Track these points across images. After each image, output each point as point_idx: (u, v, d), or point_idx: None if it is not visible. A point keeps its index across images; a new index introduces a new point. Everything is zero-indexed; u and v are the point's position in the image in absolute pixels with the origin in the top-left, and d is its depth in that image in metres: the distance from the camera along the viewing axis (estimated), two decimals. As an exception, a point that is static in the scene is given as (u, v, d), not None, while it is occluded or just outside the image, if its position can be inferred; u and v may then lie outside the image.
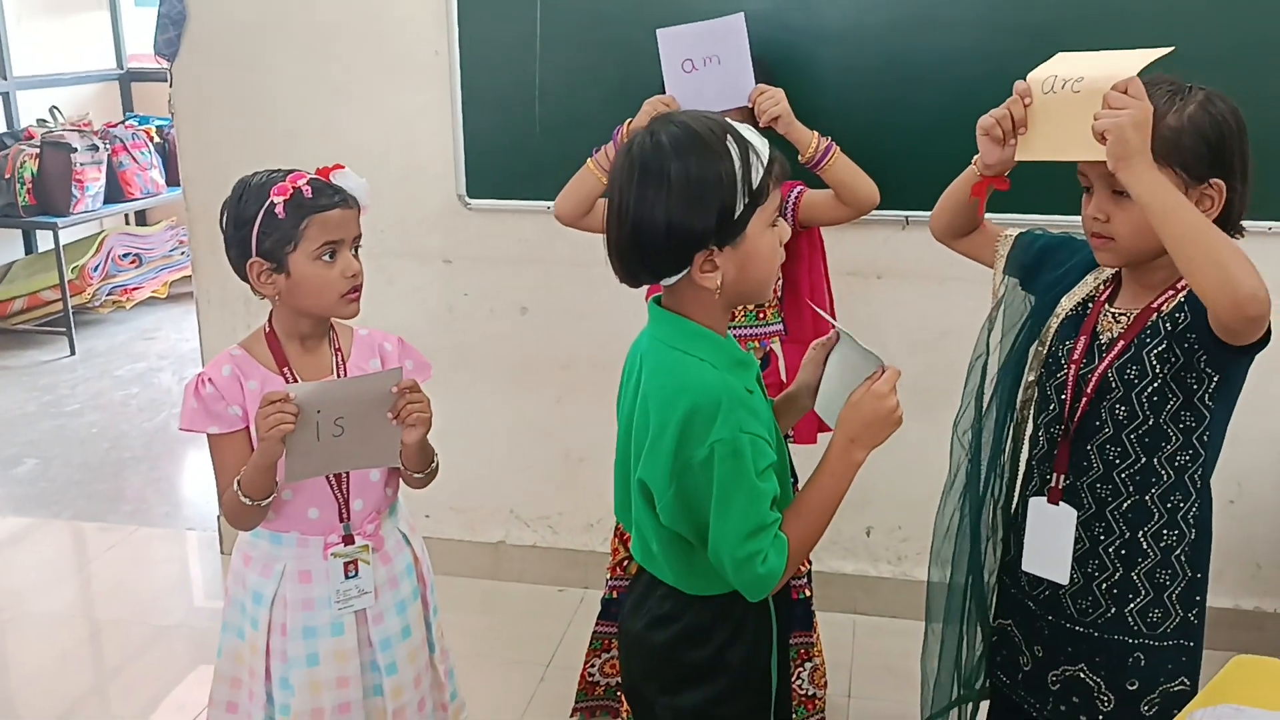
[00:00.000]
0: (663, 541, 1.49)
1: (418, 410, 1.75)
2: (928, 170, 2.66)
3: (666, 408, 1.41)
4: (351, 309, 1.82)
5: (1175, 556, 1.58)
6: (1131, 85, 1.41)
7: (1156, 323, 1.54)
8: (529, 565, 3.23)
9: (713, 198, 1.36)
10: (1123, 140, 1.39)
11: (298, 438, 1.67)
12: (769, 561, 1.40)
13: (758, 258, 1.43)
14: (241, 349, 1.85)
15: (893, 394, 1.45)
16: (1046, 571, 1.63)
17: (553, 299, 3.02)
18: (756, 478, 1.39)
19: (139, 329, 5.89)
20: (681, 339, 1.45)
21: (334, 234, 1.76)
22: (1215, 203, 1.52)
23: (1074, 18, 2.53)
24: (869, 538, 3.04)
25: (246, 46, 2.99)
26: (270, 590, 1.84)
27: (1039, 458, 1.68)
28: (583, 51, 2.76)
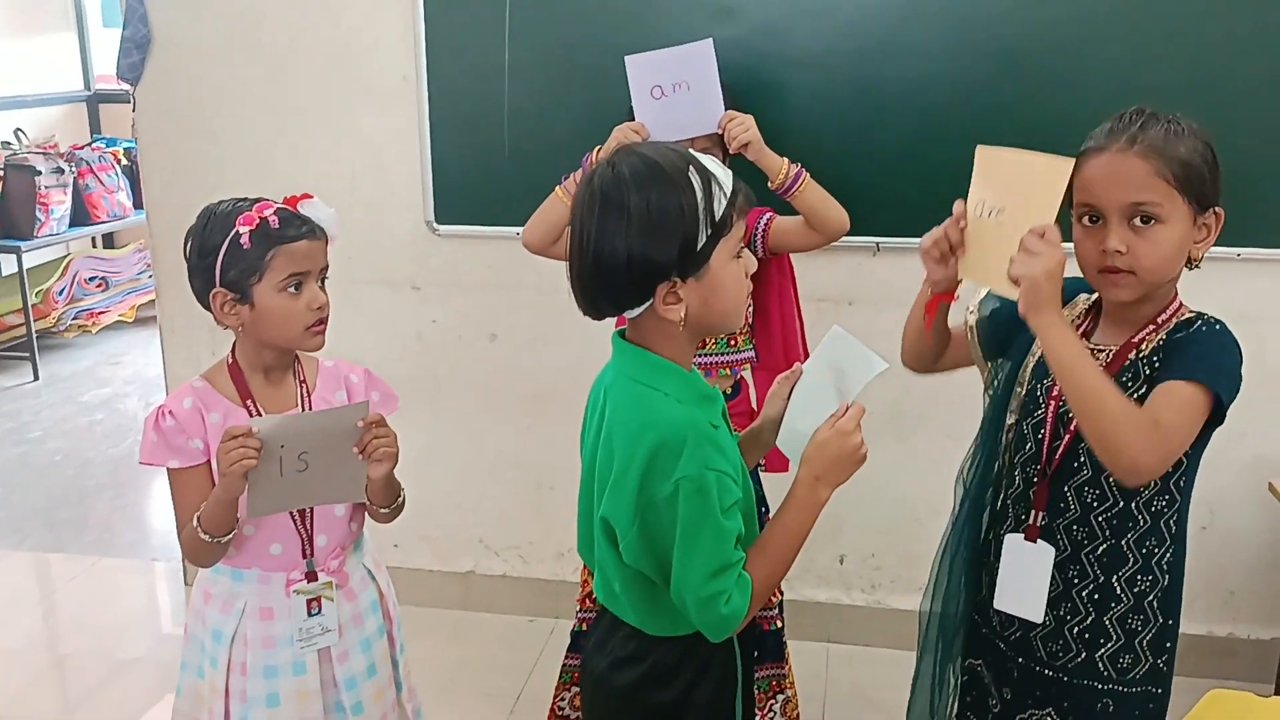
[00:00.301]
0: (625, 581, 1.47)
1: (384, 445, 1.71)
2: (898, 196, 2.68)
3: (631, 444, 1.38)
4: (316, 342, 1.79)
5: (1148, 602, 1.56)
6: (1049, 232, 1.42)
7: (1136, 363, 1.52)
8: (499, 595, 3.19)
9: (674, 229, 1.35)
10: (1035, 289, 1.41)
11: (260, 473, 1.63)
12: (732, 602, 1.38)
13: (722, 289, 1.41)
14: (204, 380, 1.81)
15: (857, 431, 1.44)
16: (1020, 610, 1.60)
17: (522, 326, 2.99)
18: (721, 516, 1.37)
19: (105, 353, 5.81)
20: (646, 373, 1.43)
21: (300, 265, 1.73)
22: (1210, 232, 1.52)
23: (1040, 45, 2.53)
24: (842, 565, 3.02)
25: (212, 70, 2.96)
26: (230, 628, 1.80)
27: (1015, 496, 1.65)
28: (552, 77, 2.75)
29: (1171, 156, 1.46)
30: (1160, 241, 1.47)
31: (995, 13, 2.54)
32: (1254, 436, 2.68)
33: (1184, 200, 1.47)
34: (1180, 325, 1.52)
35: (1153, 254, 1.47)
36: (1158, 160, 1.46)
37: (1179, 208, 1.47)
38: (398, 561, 3.20)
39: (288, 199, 1.80)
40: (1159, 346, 1.51)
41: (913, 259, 2.73)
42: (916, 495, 2.91)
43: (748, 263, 1.44)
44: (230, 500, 1.67)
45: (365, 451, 1.70)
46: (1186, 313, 1.55)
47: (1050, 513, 1.59)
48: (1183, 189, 1.46)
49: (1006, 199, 1.48)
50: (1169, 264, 1.49)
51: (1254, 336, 2.64)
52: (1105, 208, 1.49)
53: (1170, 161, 1.46)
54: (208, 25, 2.92)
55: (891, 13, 2.57)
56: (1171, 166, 1.45)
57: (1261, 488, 2.52)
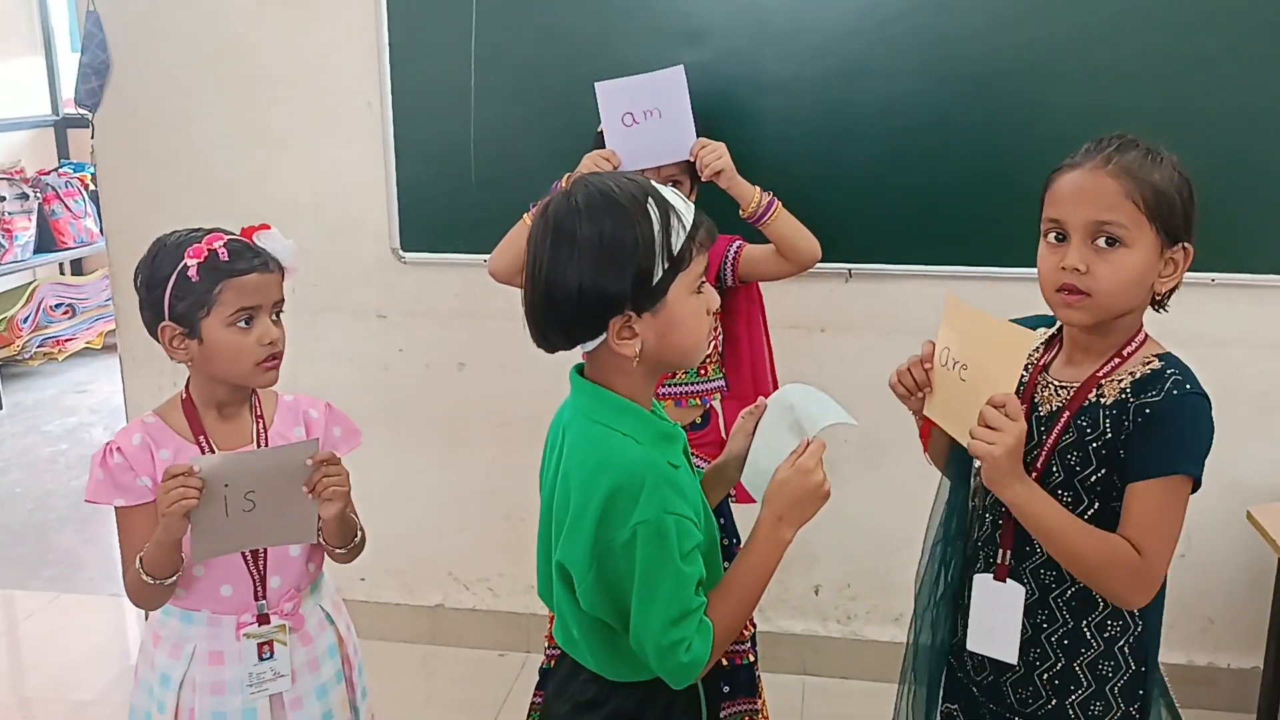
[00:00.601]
0: (583, 626, 1.42)
1: (334, 484, 1.66)
2: (869, 221, 2.65)
3: (587, 487, 1.34)
4: (268, 378, 1.73)
5: (1119, 648, 1.52)
6: (1009, 405, 1.40)
7: (1097, 410, 1.48)
8: (468, 629, 3.12)
9: (628, 260, 1.31)
10: (995, 467, 1.41)
11: (204, 513, 1.58)
12: (693, 650, 1.34)
13: (680, 326, 1.36)
14: (156, 416, 1.76)
15: (819, 468, 1.40)
16: (993, 650, 1.56)
17: (490, 354, 2.94)
18: (681, 561, 1.33)
19: (71, 382, 5.71)
20: (604, 412, 1.38)
21: (250, 300, 1.68)
22: (1178, 268, 1.48)
23: (1011, 68, 2.51)
24: (817, 596, 2.97)
25: (173, 97, 2.90)
26: (179, 672, 1.74)
27: (984, 538, 1.61)
28: (519, 102, 2.70)
29: (1144, 180, 1.43)
30: (1121, 266, 1.43)
31: (965, 35, 2.51)
32: (1231, 463, 2.65)
33: (1152, 228, 1.43)
34: (1149, 381, 1.46)
35: (1112, 277, 1.44)
36: (1129, 182, 1.43)
37: (1145, 234, 1.44)
38: (364, 595, 3.15)
39: (245, 229, 1.76)
40: (1124, 400, 1.46)
41: (885, 285, 2.76)
42: (892, 524, 2.86)
43: (709, 299, 1.40)
44: (172, 542, 1.61)
45: (315, 491, 1.65)
46: (1154, 353, 1.50)
47: (1017, 555, 1.55)
48: (1151, 216, 1.43)
49: (970, 356, 1.47)
50: (1128, 291, 1.45)
51: (1229, 362, 2.65)
52: (1070, 224, 1.46)
53: (1142, 185, 1.43)
54: (168, 51, 2.87)
55: (861, 36, 2.54)
56: (1143, 190, 1.42)
57: (1240, 514, 2.49)
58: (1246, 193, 2.49)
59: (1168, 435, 1.43)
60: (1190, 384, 1.46)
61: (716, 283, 2.31)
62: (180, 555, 1.65)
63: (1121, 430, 1.45)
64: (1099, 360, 1.51)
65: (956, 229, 2.59)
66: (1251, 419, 2.65)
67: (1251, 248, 2.54)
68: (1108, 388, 1.48)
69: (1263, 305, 2.59)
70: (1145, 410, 1.44)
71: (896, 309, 2.73)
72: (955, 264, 2.64)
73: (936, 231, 2.62)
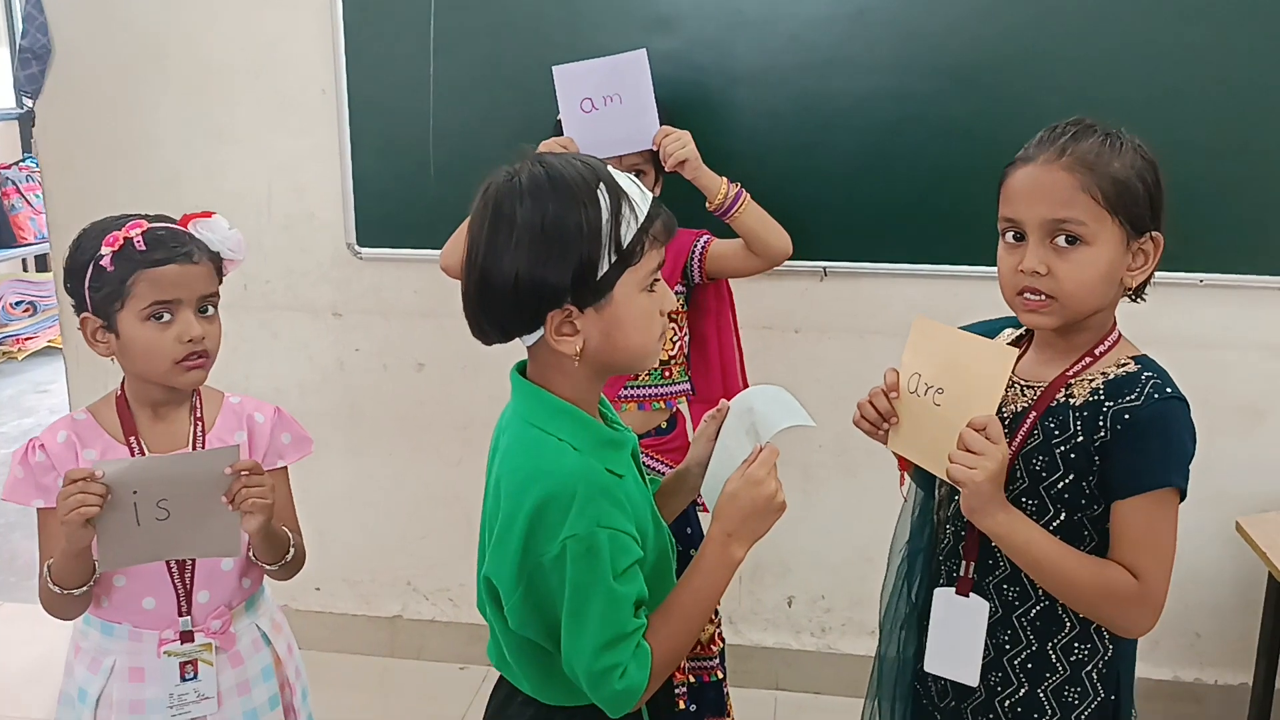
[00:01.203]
0: (514, 647, 1.32)
1: (255, 496, 1.54)
2: (846, 218, 2.55)
3: (516, 497, 1.24)
4: (190, 378, 1.62)
5: (1086, 673, 1.42)
6: (990, 427, 1.31)
7: (1066, 411, 1.38)
8: (428, 641, 3.01)
9: (570, 250, 1.20)
10: (978, 494, 1.31)
11: (111, 521, 1.47)
12: (628, 676, 1.24)
13: (627, 325, 1.25)
14: (87, 413, 1.66)
15: (771, 478, 1.29)
16: (953, 672, 1.45)
17: (451, 354, 2.83)
18: (615, 580, 1.22)
19: (31, 381, 5.57)
20: (541, 415, 1.28)
21: (166, 293, 1.57)
22: (1149, 259, 1.38)
23: (991, 60, 2.42)
24: (791, 608, 2.87)
25: (119, 84, 2.78)
26: (96, 688, 1.63)
27: (946, 552, 1.51)
28: (479, 91, 2.59)
29: (1102, 172, 1.33)
30: (1083, 264, 1.34)
31: (944, 26, 2.41)
32: (1219, 471, 2.56)
33: (1114, 221, 1.34)
34: (1124, 383, 1.36)
35: (1074, 277, 1.34)
36: (1085, 175, 1.33)
37: (1107, 229, 1.34)
38: (319, 606, 3.03)
39: (184, 217, 1.65)
40: (1096, 402, 1.36)
41: (861, 284, 2.65)
42: (868, 533, 2.73)
43: (663, 299, 1.29)
44: (76, 551, 1.50)
45: (234, 502, 1.53)
46: (1129, 354, 1.41)
47: (980, 569, 1.45)
48: (1113, 208, 1.33)
49: (946, 380, 1.37)
50: (1094, 290, 1.36)
51: (1218, 365, 2.56)
52: (1026, 223, 1.37)
53: (1100, 177, 1.33)
54: (113, 36, 2.74)
55: (837, 25, 2.44)
56: (1101, 183, 1.32)
57: (1228, 525, 2.39)
58: (1236, 190, 2.40)
59: (1152, 447, 1.33)
60: (1170, 387, 1.36)
61: (683, 279, 2.20)
62: (90, 565, 1.54)
63: (1094, 434, 1.35)
64: (1069, 359, 1.41)
65: (936, 226, 2.49)
66: (1240, 425, 2.56)
67: (1241, 247, 2.45)
68: (1077, 387, 1.39)
69: (1253, 307, 2.50)
70: (1124, 416, 1.34)
71: (873, 309, 2.63)
72: (934, 262, 2.54)
73: (915, 229, 2.52)
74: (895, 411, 1.43)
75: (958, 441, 1.32)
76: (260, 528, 1.57)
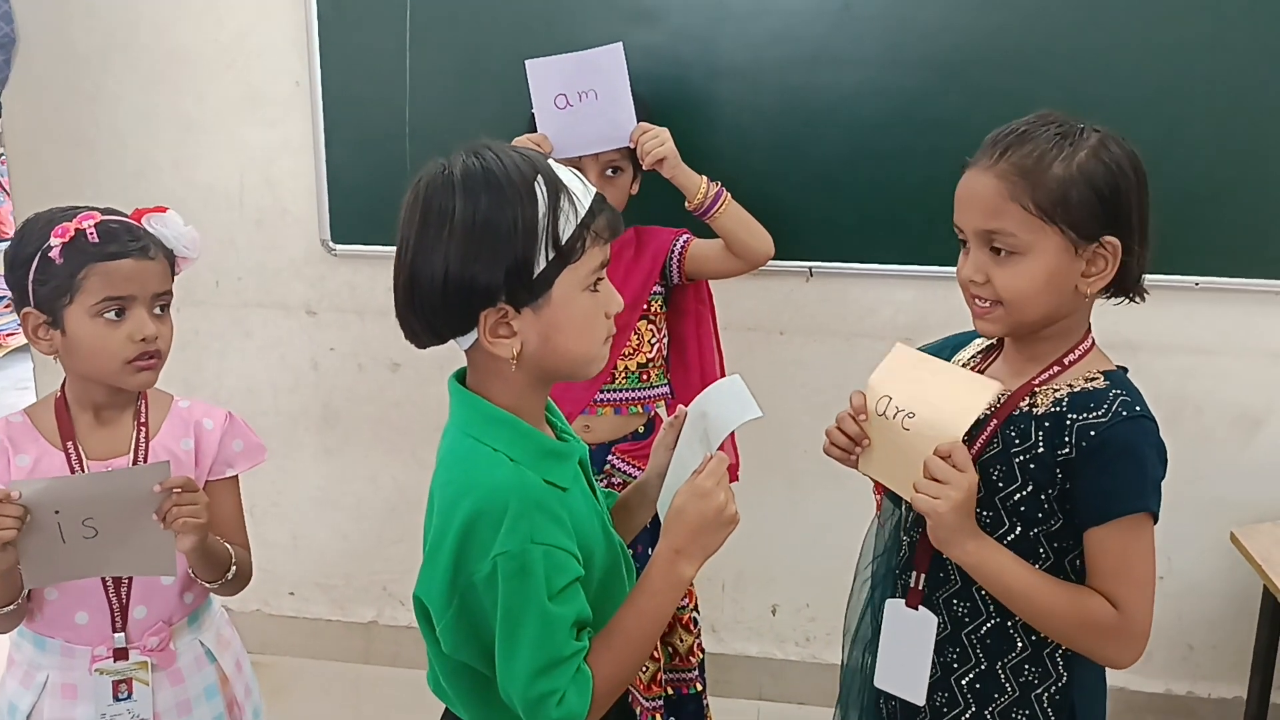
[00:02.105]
0: (448, 671, 1.25)
1: (187, 515, 1.45)
2: (832, 217, 2.48)
3: (447, 512, 1.17)
4: (141, 379, 1.54)
5: (1035, 696, 1.35)
6: (956, 454, 1.25)
7: (1028, 420, 1.31)
8: (404, 648, 2.94)
9: (503, 246, 1.14)
10: (942, 525, 1.26)
11: (33, 540, 1.40)
12: (566, 703, 1.15)
13: (569, 327, 1.19)
14: (24, 415, 1.59)
15: (719, 488, 1.21)
16: (899, 688, 1.40)
17: (427, 354, 2.63)
18: (551, 600, 1.15)
19: (12, 378, 5.49)
20: (477, 424, 1.21)
21: (120, 289, 1.50)
22: (1109, 264, 1.30)
23: (980, 55, 2.34)
24: (775, 616, 2.80)
25: (87, 75, 2.70)
26: (27, 703, 1.56)
27: (902, 563, 1.44)
28: (456, 84, 2.52)
29: (1037, 180, 1.26)
30: (1018, 274, 1.28)
31: (932, 21, 2.34)
32: (1214, 479, 2.50)
33: (1054, 229, 1.27)
34: (1090, 398, 1.30)
35: (1010, 286, 1.29)
36: (1017, 183, 1.26)
37: (1044, 237, 1.27)
38: (293, 611, 2.97)
39: (136, 211, 1.58)
40: (1059, 414, 1.30)
41: (848, 285, 2.58)
42: (854, 541, 2.66)
43: (608, 299, 1.23)
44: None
45: (165, 521, 1.45)
46: (1099, 368, 1.34)
47: (931, 582, 1.38)
48: (1049, 216, 1.26)
49: (919, 405, 1.31)
50: (1035, 299, 1.29)
51: (1214, 371, 2.49)
52: (965, 231, 1.33)
53: (1034, 186, 1.26)
54: (79, 25, 2.67)
55: (823, 19, 2.37)
56: (1034, 192, 1.26)
57: (1223, 536, 2.33)
58: (1232, 192, 2.33)
59: (1121, 470, 1.27)
60: (1139, 406, 1.30)
61: (662, 280, 2.14)
62: (17, 583, 1.47)
63: (1058, 448, 1.29)
64: (1036, 368, 1.35)
65: (924, 226, 2.41)
66: (1237, 433, 2.49)
67: (1238, 249, 2.37)
68: (1041, 396, 1.33)
69: (1249, 311, 2.43)
70: (1090, 433, 1.27)
71: (860, 310, 2.56)
72: (922, 263, 2.47)
73: (903, 229, 2.45)
74: (866, 434, 1.37)
75: (923, 469, 1.27)
76: (194, 547, 1.49)
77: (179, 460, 1.61)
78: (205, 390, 2.75)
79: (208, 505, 1.49)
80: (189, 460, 1.63)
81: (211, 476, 1.65)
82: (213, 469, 1.65)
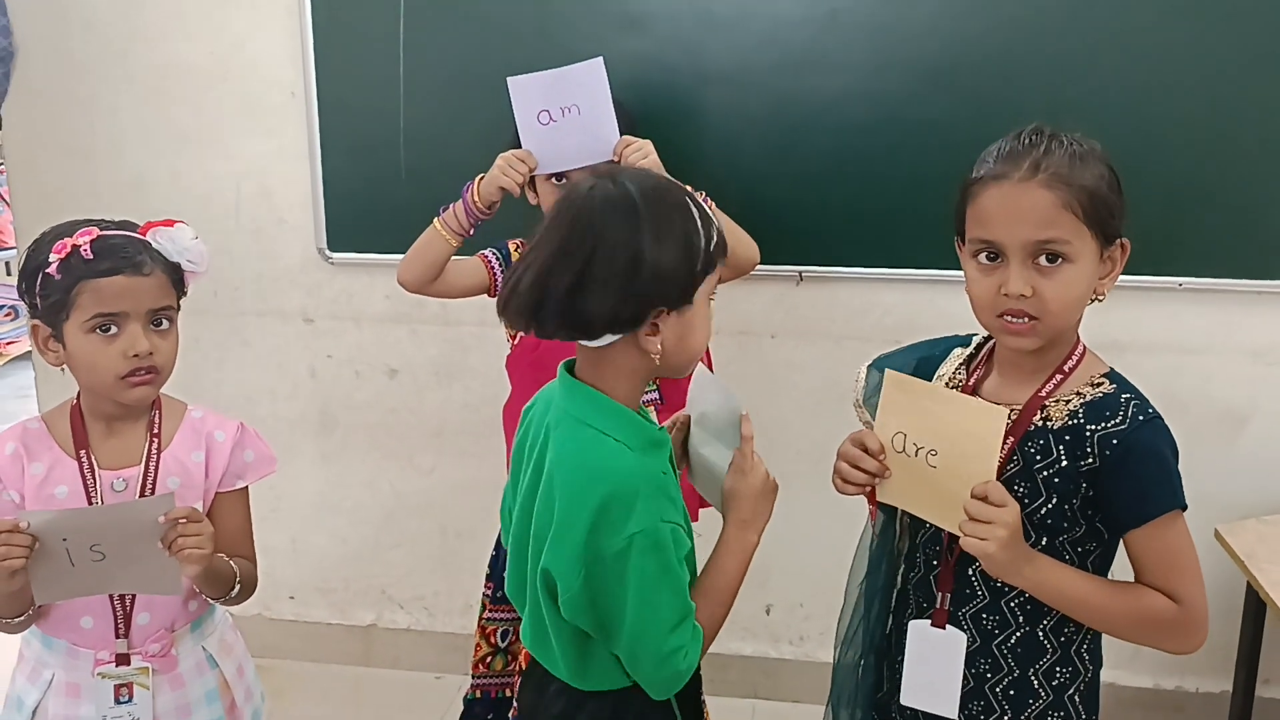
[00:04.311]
0: (561, 635, 1.37)
1: (192, 546, 1.48)
2: (821, 221, 2.51)
3: (577, 495, 1.29)
4: (136, 394, 1.56)
5: (1069, 697, 1.38)
6: (992, 493, 1.27)
7: (1045, 434, 1.34)
8: (403, 650, 2.97)
9: (691, 253, 1.29)
10: (994, 564, 1.29)
11: (41, 564, 1.43)
12: (689, 655, 1.33)
13: (698, 328, 1.34)
14: (40, 422, 1.62)
15: (757, 465, 1.40)
16: (931, 705, 1.42)
17: (424, 360, 2.78)
18: (678, 567, 1.32)
19: (14, 387, 5.51)
20: (596, 416, 1.33)
21: (110, 305, 1.52)
22: (1116, 265, 1.35)
23: (966, 60, 2.37)
24: (769, 616, 2.83)
25: (85, 86, 2.73)
26: (33, 699, 1.60)
27: (916, 581, 1.47)
28: (450, 93, 2.54)
29: (1079, 185, 1.29)
30: (1069, 283, 1.31)
31: (919, 25, 2.37)
32: (1200, 476, 2.44)
33: (1091, 235, 1.30)
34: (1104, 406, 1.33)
35: (1061, 297, 1.31)
36: (1064, 191, 1.29)
37: (1087, 243, 1.31)
38: (293, 614, 3.00)
39: (146, 225, 1.60)
40: (1077, 426, 1.33)
41: (838, 288, 2.61)
42: (848, 541, 2.68)
43: (712, 308, 1.39)
44: (7, 594, 1.47)
45: (170, 550, 1.48)
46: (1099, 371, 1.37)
47: (956, 599, 1.41)
48: (1090, 222, 1.30)
49: (940, 442, 1.32)
50: (1077, 307, 1.34)
51: (1199, 370, 2.52)
52: (1006, 245, 1.32)
53: (1078, 191, 1.29)
54: (77, 36, 2.69)
55: (810, 25, 2.40)
56: (1079, 197, 1.29)
57: (1208, 532, 2.35)
58: (1215, 193, 2.36)
59: (1148, 473, 1.31)
60: (1149, 407, 1.34)
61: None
62: (27, 598, 1.50)
63: (1081, 459, 1.32)
64: (1038, 379, 1.37)
65: (913, 229, 2.44)
66: (1222, 431, 2.53)
67: (1220, 250, 2.40)
68: (1053, 409, 1.35)
69: (1233, 311, 2.46)
70: (1112, 441, 1.30)
71: (851, 314, 2.59)
72: (912, 266, 2.50)
73: (892, 232, 2.48)
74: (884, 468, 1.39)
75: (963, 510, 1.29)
76: (199, 575, 1.52)
77: (189, 472, 1.64)
78: (204, 399, 2.73)
79: (212, 535, 1.51)
80: (199, 472, 1.65)
81: (221, 489, 1.67)
82: (223, 481, 1.67)
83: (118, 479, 1.59)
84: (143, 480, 1.60)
